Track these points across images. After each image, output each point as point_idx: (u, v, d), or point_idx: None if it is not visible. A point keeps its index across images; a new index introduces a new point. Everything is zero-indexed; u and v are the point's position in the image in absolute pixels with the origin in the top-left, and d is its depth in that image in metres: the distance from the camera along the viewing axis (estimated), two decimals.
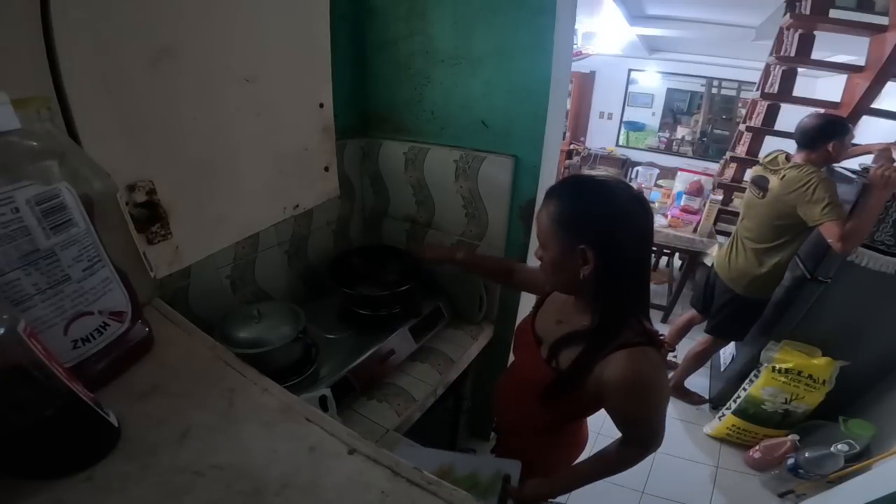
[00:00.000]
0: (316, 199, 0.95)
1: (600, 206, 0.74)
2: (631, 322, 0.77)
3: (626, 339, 0.74)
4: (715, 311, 2.15)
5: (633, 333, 0.75)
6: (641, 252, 0.78)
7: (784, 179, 1.75)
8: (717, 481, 1.95)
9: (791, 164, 1.78)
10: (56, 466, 0.35)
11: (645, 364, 0.74)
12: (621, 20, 4.09)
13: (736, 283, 1.99)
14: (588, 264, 0.73)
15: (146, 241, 0.62)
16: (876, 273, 1.69)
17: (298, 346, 1.03)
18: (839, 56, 3.24)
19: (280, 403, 0.45)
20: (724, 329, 2.16)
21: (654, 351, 0.75)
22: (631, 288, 0.78)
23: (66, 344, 0.41)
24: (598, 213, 0.73)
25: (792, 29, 2.73)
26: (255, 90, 0.73)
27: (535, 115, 1.15)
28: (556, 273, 0.79)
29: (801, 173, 1.70)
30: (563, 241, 0.75)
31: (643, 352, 0.74)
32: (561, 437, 0.99)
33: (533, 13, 1.06)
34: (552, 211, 0.76)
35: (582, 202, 0.75)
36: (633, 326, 0.76)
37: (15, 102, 0.36)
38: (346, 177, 1.41)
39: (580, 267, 0.74)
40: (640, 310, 0.80)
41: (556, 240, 0.76)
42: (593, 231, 0.73)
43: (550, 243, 0.77)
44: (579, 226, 0.74)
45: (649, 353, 0.75)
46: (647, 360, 0.74)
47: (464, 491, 0.38)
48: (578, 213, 0.74)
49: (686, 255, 3.21)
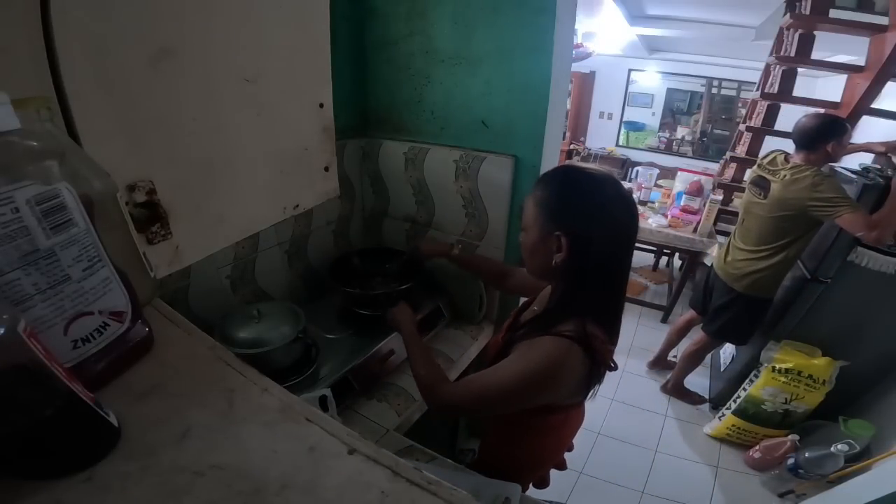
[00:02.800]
0: (316, 199, 0.95)
1: (583, 198, 0.75)
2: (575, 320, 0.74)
3: (560, 330, 0.73)
4: (714, 313, 2.13)
5: (570, 327, 0.73)
6: (616, 252, 0.76)
7: (785, 180, 1.76)
8: (717, 481, 1.96)
9: (791, 164, 1.79)
10: (56, 466, 0.35)
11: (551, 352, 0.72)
12: (621, 20, 4.09)
13: (736, 283, 1.98)
14: (560, 252, 0.74)
15: (146, 241, 0.62)
16: (876, 273, 1.70)
17: (298, 346, 1.03)
18: (839, 56, 3.24)
19: (280, 403, 0.45)
20: (727, 332, 2.12)
21: (575, 349, 0.72)
22: (594, 285, 0.76)
23: (66, 344, 0.41)
24: (579, 204, 0.75)
25: (792, 29, 2.73)
26: (255, 90, 0.73)
27: (535, 115, 1.15)
28: (532, 256, 0.81)
29: (802, 174, 1.71)
30: (541, 225, 0.77)
31: (563, 343, 0.72)
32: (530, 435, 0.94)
33: (533, 13, 1.06)
34: (537, 194, 0.78)
35: (565, 190, 0.76)
36: (575, 323, 0.74)
37: (15, 102, 0.36)
38: (346, 177, 1.41)
39: (553, 253, 0.75)
40: (592, 312, 0.76)
41: (535, 222, 0.78)
42: (570, 220, 0.74)
43: (530, 225, 0.79)
44: (558, 212, 0.75)
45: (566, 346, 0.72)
46: (555, 350, 0.72)
47: (464, 491, 0.38)
48: (560, 199, 0.76)
49: (686, 255, 3.21)
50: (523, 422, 0.88)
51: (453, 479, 0.87)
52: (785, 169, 1.79)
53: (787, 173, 1.76)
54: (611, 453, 2.07)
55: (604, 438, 2.14)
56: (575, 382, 0.76)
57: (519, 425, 0.90)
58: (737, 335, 2.14)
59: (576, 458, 1.97)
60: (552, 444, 0.98)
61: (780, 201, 1.77)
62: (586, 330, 0.74)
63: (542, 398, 0.78)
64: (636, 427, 2.22)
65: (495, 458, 0.98)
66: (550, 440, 0.95)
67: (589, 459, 2.02)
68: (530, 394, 0.76)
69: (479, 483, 0.90)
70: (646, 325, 3.06)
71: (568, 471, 1.19)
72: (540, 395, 0.77)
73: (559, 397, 0.80)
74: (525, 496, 0.90)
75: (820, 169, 1.73)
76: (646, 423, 2.26)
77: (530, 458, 0.98)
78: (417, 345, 0.93)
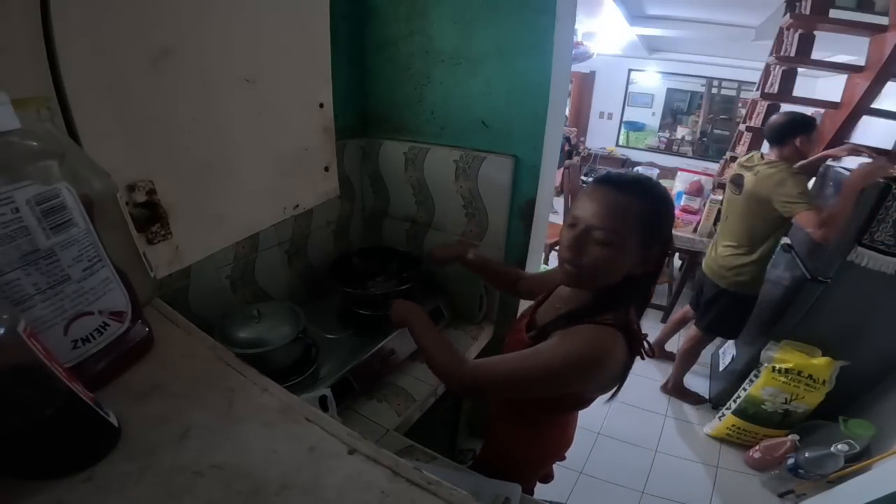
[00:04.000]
0: (316, 199, 0.95)
1: (671, 211, 0.77)
2: (615, 310, 0.75)
3: (602, 319, 0.73)
4: (704, 308, 2.21)
5: (612, 317, 0.73)
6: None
7: (757, 175, 1.86)
8: (717, 481, 1.95)
9: (765, 161, 1.89)
10: (56, 466, 0.35)
11: (596, 340, 0.71)
12: (621, 20, 4.09)
13: (721, 279, 2.05)
14: (646, 264, 0.74)
15: (146, 241, 0.62)
16: (876, 273, 1.69)
17: (298, 346, 1.03)
18: (839, 56, 3.24)
19: (280, 403, 0.45)
20: (716, 326, 2.21)
21: (619, 337, 0.72)
22: (641, 290, 0.79)
23: (66, 344, 0.41)
24: (671, 217, 0.77)
25: (792, 29, 2.73)
26: (256, 90, 0.73)
27: (535, 115, 1.15)
28: (607, 270, 0.73)
29: (773, 169, 1.82)
30: (635, 240, 0.71)
31: (609, 330, 0.71)
32: (539, 431, 0.95)
33: (533, 13, 1.06)
34: (637, 208, 0.70)
35: (665, 206, 0.75)
36: (616, 313, 0.74)
37: (15, 102, 0.36)
38: (346, 177, 1.41)
39: (634, 266, 0.73)
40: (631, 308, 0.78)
41: (630, 233, 0.70)
42: (664, 237, 0.75)
43: (619, 237, 0.70)
44: (658, 228, 0.74)
45: (612, 334, 0.71)
46: (601, 338, 0.71)
47: (464, 491, 0.38)
48: (660, 215, 0.74)
49: (686, 255, 3.21)
50: (531, 416, 0.89)
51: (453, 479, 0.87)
52: (759, 164, 1.88)
53: (760, 168, 1.86)
54: (611, 453, 2.07)
55: (604, 438, 2.14)
56: (617, 370, 0.75)
57: (529, 422, 0.91)
58: (726, 329, 2.24)
59: (576, 458, 1.97)
60: (556, 440, 0.98)
61: (752, 195, 1.86)
62: (629, 319, 0.74)
63: (579, 386, 0.76)
64: (636, 427, 2.22)
65: (499, 455, 0.98)
66: (555, 436, 0.96)
67: (589, 459, 2.02)
68: (570, 379, 0.73)
69: (479, 483, 0.90)
70: (646, 325, 3.02)
71: (568, 471, 1.19)
72: (580, 381, 0.75)
73: (594, 387, 0.79)
74: (525, 496, 0.90)
75: (791, 166, 1.81)
76: (646, 423, 2.26)
77: (539, 453, 0.98)
78: (430, 329, 0.86)
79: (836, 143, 2.51)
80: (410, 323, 0.88)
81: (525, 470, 0.94)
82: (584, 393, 0.81)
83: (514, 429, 0.97)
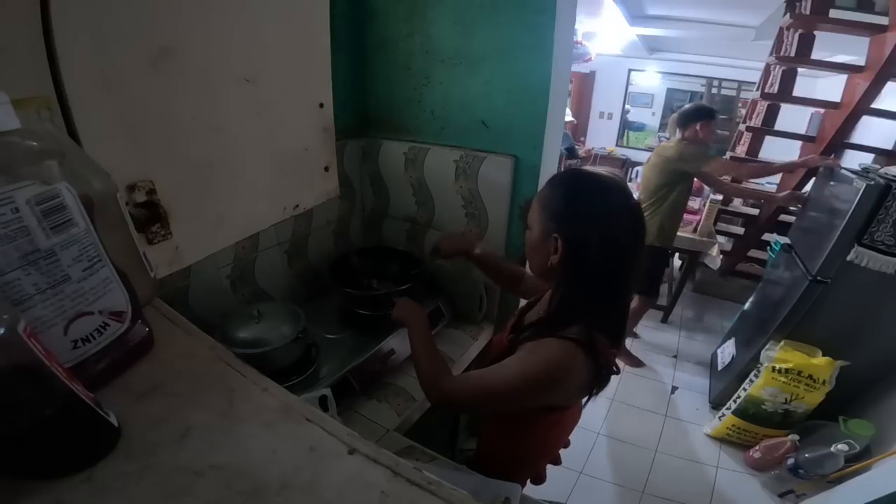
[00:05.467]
0: (316, 199, 0.95)
1: (585, 203, 0.75)
2: (580, 324, 0.73)
3: (565, 333, 0.72)
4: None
5: (576, 330, 0.73)
6: (615, 264, 0.74)
7: (658, 148, 2.41)
8: (717, 481, 1.95)
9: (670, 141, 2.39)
10: (56, 466, 0.35)
11: (552, 357, 0.71)
12: (621, 20, 4.09)
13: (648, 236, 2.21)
14: (556, 254, 0.75)
15: (146, 241, 0.62)
16: (876, 273, 1.69)
17: (298, 346, 1.03)
18: (839, 56, 3.24)
19: (280, 403, 0.45)
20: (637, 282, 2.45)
21: (579, 353, 0.71)
22: (593, 292, 0.75)
23: (66, 344, 0.41)
24: (581, 208, 0.74)
25: (792, 29, 2.73)
26: (256, 90, 0.73)
27: (535, 116, 1.15)
28: (532, 254, 0.82)
29: (671, 144, 2.33)
30: (542, 225, 0.78)
31: (568, 346, 0.71)
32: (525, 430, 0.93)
33: (533, 13, 1.06)
34: (543, 194, 0.80)
35: (570, 193, 0.76)
36: (580, 327, 0.73)
37: (15, 102, 0.36)
38: (346, 177, 1.41)
39: (550, 254, 0.75)
40: (594, 322, 0.74)
41: (537, 221, 0.79)
42: (570, 223, 0.74)
43: (533, 223, 0.80)
44: (559, 214, 0.75)
45: (570, 351, 0.71)
46: (558, 355, 0.71)
47: (464, 491, 0.38)
48: (563, 202, 0.76)
49: (686, 255, 3.21)
50: (522, 418, 0.89)
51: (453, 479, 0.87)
52: (667, 143, 2.40)
53: (664, 144, 2.39)
54: (611, 453, 2.07)
55: (604, 438, 2.14)
56: (577, 385, 0.75)
57: (517, 421, 0.90)
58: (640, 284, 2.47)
59: (576, 458, 1.97)
60: (550, 440, 0.98)
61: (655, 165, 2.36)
62: (591, 334, 0.73)
63: (543, 399, 0.78)
64: (636, 427, 2.22)
65: (493, 452, 0.98)
66: (548, 436, 0.96)
67: (589, 459, 2.02)
68: (531, 394, 0.75)
69: (479, 483, 0.90)
70: (646, 325, 3.05)
71: (568, 471, 1.19)
72: (540, 396, 0.76)
73: (559, 399, 0.80)
74: (525, 496, 0.90)
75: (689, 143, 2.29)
76: (646, 423, 2.26)
77: (527, 453, 0.98)
78: (425, 336, 0.89)
79: (836, 143, 2.52)
80: (409, 324, 0.91)
81: (513, 467, 0.94)
82: (552, 404, 0.81)
83: (499, 427, 0.97)
